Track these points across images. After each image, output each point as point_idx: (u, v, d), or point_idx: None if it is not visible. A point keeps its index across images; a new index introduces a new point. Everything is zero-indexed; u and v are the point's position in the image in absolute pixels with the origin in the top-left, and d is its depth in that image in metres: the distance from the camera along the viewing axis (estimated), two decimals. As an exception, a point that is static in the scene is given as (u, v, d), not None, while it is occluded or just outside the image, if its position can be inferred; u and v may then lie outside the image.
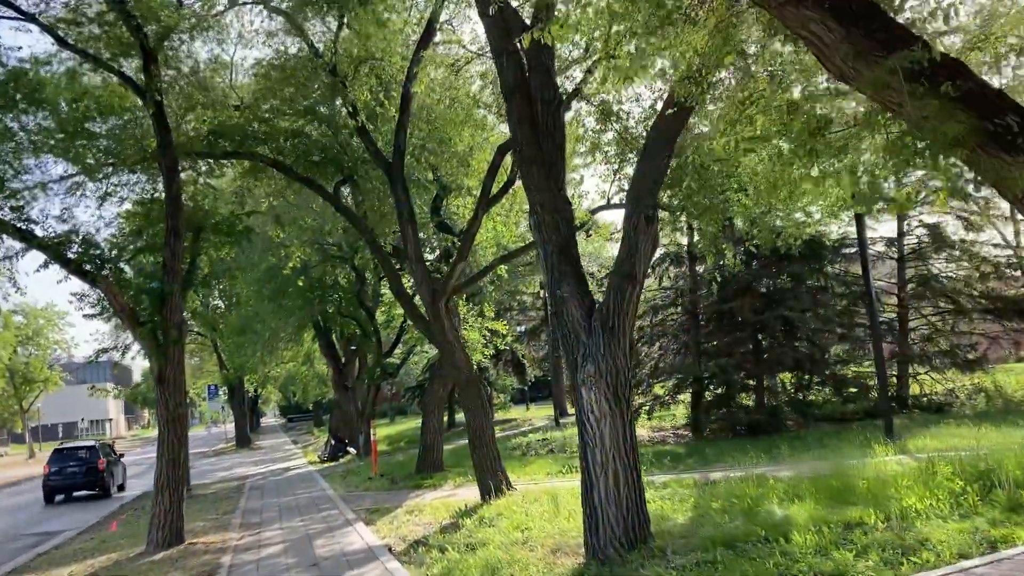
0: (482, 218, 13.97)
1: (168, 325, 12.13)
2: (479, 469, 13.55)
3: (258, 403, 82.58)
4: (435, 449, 19.15)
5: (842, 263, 23.25)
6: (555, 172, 8.86)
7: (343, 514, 14.52)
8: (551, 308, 8.70)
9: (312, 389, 56.47)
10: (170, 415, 12.23)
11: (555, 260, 8.64)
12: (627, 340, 8.30)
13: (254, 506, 17.40)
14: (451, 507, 13.63)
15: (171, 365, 12.20)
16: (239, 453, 44.44)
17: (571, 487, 13.67)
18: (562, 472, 16.94)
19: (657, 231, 8.41)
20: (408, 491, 17.05)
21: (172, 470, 12.21)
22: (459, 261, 13.71)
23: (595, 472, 8.20)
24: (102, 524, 17.61)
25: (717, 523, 8.89)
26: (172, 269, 12.29)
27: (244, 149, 14.22)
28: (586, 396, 8.26)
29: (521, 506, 12.02)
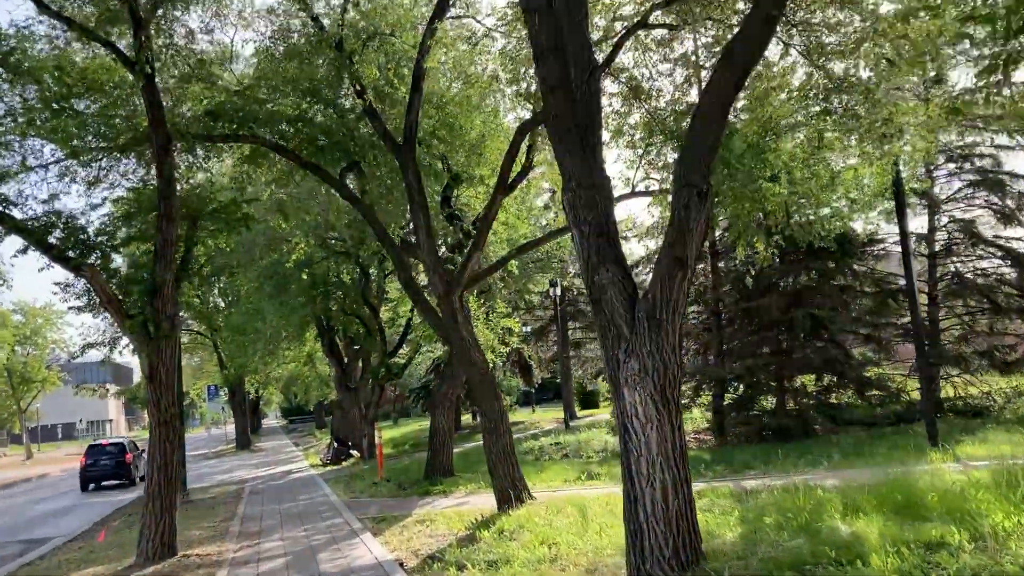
0: (500, 204, 12.97)
1: (159, 318, 11.14)
2: (496, 476, 12.54)
3: (259, 404, 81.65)
4: (444, 453, 18.13)
5: (870, 260, 22.23)
6: (591, 143, 7.85)
7: (348, 523, 13.51)
8: (589, 296, 7.69)
9: (314, 390, 55.49)
10: (162, 416, 11.23)
11: (592, 242, 7.62)
12: (676, 334, 7.29)
13: (253, 513, 16.40)
14: (465, 517, 12.62)
15: (163, 362, 11.20)
16: (239, 455, 43.45)
17: (594, 496, 12.68)
18: (580, 479, 15.92)
19: (711, 209, 7.40)
20: (417, 498, 16.04)
21: (164, 476, 11.21)
22: (475, 250, 12.70)
23: (640, 484, 7.19)
24: (92, 532, 16.61)
25: (774, 541, 7.88)
26: (164, 257, 11.30)
27: (244, 132, 13.25)
28: (629, 397, 7.25)
29: (544, 517, 11.00)
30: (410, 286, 13.76)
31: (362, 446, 28.56)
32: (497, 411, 12.72)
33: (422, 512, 13.88)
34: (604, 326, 7.53)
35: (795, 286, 20.33)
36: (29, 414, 69.49)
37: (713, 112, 7.37)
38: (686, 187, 7.31)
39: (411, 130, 12.79)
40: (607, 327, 7.49)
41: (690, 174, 7.34)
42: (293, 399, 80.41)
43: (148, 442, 11.41)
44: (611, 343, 7.46)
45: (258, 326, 25.87)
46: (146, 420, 68.80)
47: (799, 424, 18.99)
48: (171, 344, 11.35)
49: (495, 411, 12.70)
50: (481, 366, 12.85)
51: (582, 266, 7.77)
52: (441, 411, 18.26)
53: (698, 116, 7.49)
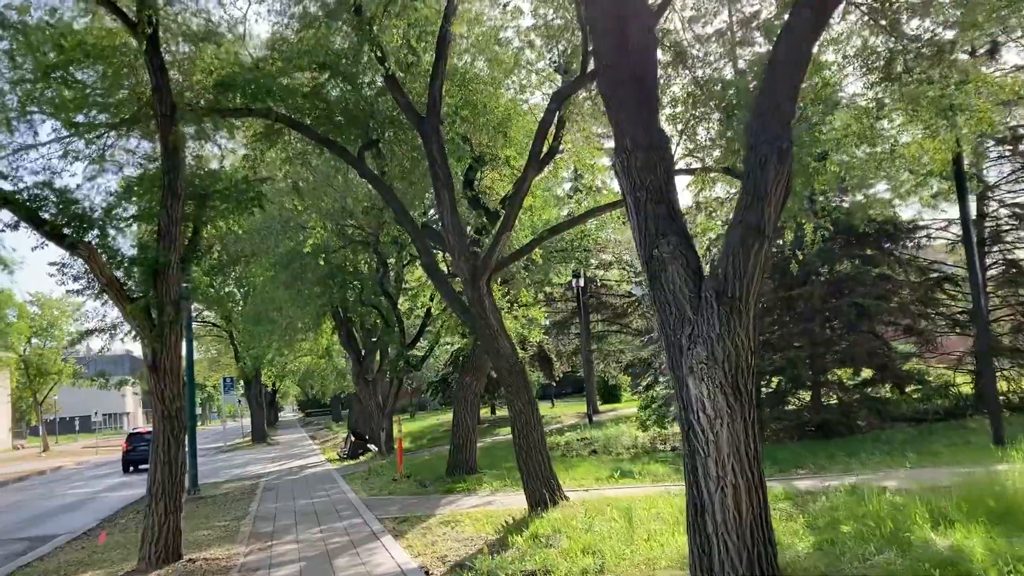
0: (531, 181, 11.97)
1: (163, 302, 10.24)
2: (527, 475, 11.57)
3: (276, 397, 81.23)
4: (467, 449, 17.19)
5: (912, 248, 21.06)
6: (647, 96, 6.84)
7: (368, 524, 12.59)
8: (647, 272, 6.69)
9: (331, 383, 54.69)
10: (166, 408, 10.34)
11: (650, 210, 6.63)
12: (751, 315, 6.29)
13: (267, 511, 15.52)
14: (494, 518, 11.67)
15: (167, 349, 10.31)
16: (255, 449, 42.76)
17: (633, 496, 11.72)
18: (613, 477, 14.94)
19: (791, 170, 6.37)
20: (439, 496, 15.11)
21: (168, 474, 10.32)
22: (504, 231, 11.72)
23: (708, 489, 6.20)
24: (98, 529, 15.80)
25: (859, 554, 6.87)
26: (168, 236, 10.39)
27: (257, 106, 12.32)
28: (695, 389, 6.25)
29: (582, 521, 10.02)
30: (433, 271, 12.81)
31: (380, 440, 27.71)
32: (528, 404, 11.76)
33: (446, 512, 12.95)
34: (664, 307, 6.53)
35: (836, 274, 19.19)
36: (47, 406, 69.27)
37: (792, 55, 6.35)
38: (764, 143, 6.30)
39: (435, 100, 11.83)
40: (668, 308, 6.50)
41: (766, 129, 6.34)
42: (310, 392, 79.89)
43: (151, 437, 10.52)
44: (672, 326, 6.47)
45: (273, 316, 25.02)
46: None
47: (842, 420, 17.89)
48: (176, 331, 10.45)
49: (526, 404, 11.74)
50: (510, 356, 11.88)
51: (638, 239, 6.77)
52: (464, 405, 17.31)
53: (775, 62, 6.46)
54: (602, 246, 31.17)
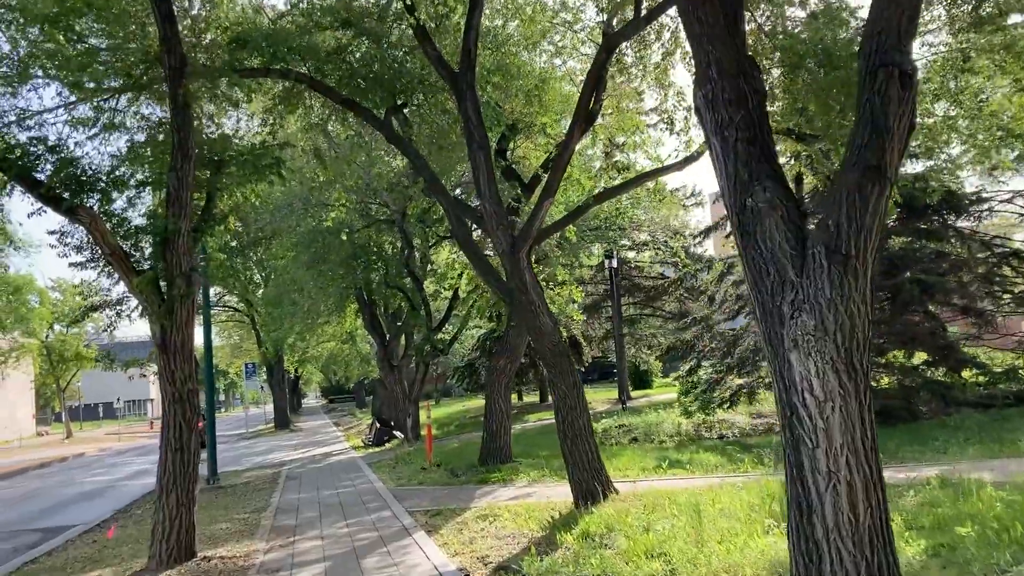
0: (578, 140, 10.86)
1: (173, 275, 9.26)
2: (572, 465, 10.52)
3: (298, 384, 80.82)
4: (501, 436, 16.17)
5: (975, 222, 19.72)
6: (736, 17, 5.73)
7: (398, 517, 11.60)
8: (736, 228, 5.60)
9: (354, 369, 54.02)
10: (177, 391, 9.38)
11: (741, 151, 5.53)
12: (868, 275, 5.18)
13: (289, 502, 14.61)
14: (536, 512, 10.64)
15: (177, 327, 9.34)
16: (278, 435, 42.06)
17: (688, 489, 10.63)
18: (661, 468, 13.85)
19: (915, 99, 5.24)
20: (473, 487, 14.12)
21: (180, 464, 9.37)
22: (546, 197, 10.62)
23: (817, 487, 5.11)
24: (112, 521, 14.99)
25: (991, 564, 5.75)
26: (178, 201, 9.41)
27: (276, 65, 11.29)
28: (800, 366, 5.15)
29: (639, 518, 8.96)
30: (467, 244, 11.75)
31: (406, 427, 26.79)
32: (573, 387, 10.70)
33: (482, 505, 11.95)
34: (759, 269, 5.43)
35: (890, 249, 17.92)
36: (70, 393, 69.24)
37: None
38: (881, 68, 5.16)
39: (469, 53, 10.73)
40: (764, 270, 5.40)
41: (885, 51, 5.19)
42: (333, 378, 79.35)
43: (161, 422, 9.57)
44: (770, 291, 5.37)
45: (295, 298, 24.11)
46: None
47: (904, 405, 16.67)
48: (187, 306, 9.47)
49: (570, 387, 10.68)
50: (553, 335, 10.81)
51: (726, 188, 5.66)
52: (497, 390, 16.28)
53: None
54: (636, 224, 29.97)
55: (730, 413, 19.55)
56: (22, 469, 32.35)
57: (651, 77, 12.28)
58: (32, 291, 53.78)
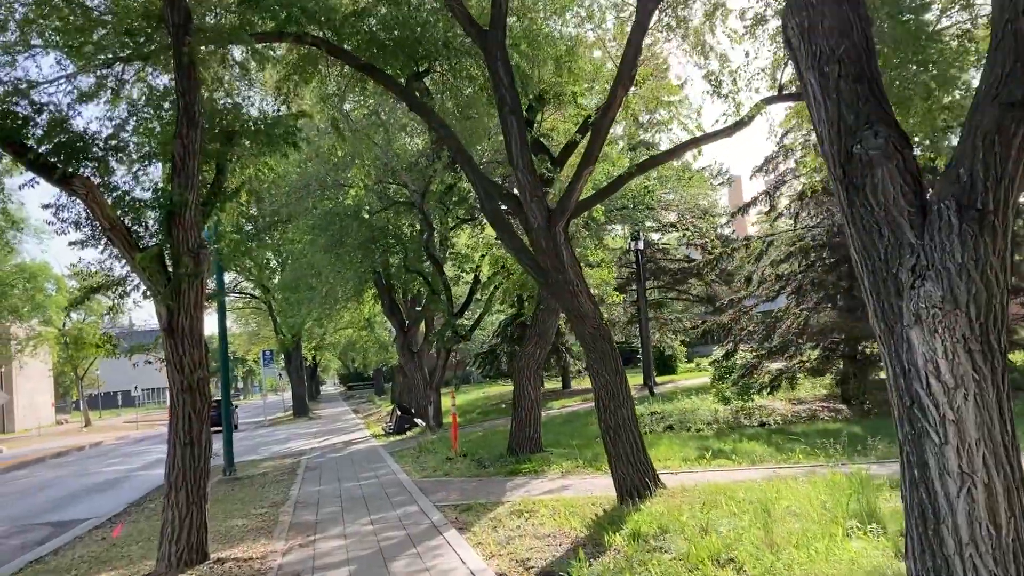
0: (621, 101, 9.92)
1: (179, 251, 8.45)
2: (615, 458, 9.66)
3: (317, 371, 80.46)
4: (531, 425, 15.33)
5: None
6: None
7: (425, 513, 10.80)
8: (838, 182, 4.69)
9: (373, 355, 53.40)
10: (186, 379, 8.58)
11: (845, 89, 4.62)
12: (1008, 235, 4.27)
13: (309, 494, 13.86)
14: (576, 508, 9.80)
15: (185, 309, 8.53)
16: (296, 423, 41.49)
17: (739, 483, 9.76)
18: (704, 458, 12.97)
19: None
20: (503, 479, 13.31)
21: (190, 459, 8.59)
22: (586, 165, 9.70)
23: (946, 491, 4.22)
24: (126, 514, 14.32)
25: None
26: (184, 172, 8.58)
27: (290, 29, 10.42)
28: (923, 346, 4.25)
29: (694, 516, 8.09)
30: (497, 218, 10.86)
31: (428, 414, 26.03)
32: (616, 374, 9.82)
33: (516, 499, 11.12)
34: (869, 227, 4.53)
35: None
36: (90, 381, 69.06)
37: None
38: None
39: (500, 10, 9.82)
40: (875, 229, 4.50)
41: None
42: (351, 365, 78.88)
43: (169, 414, 8.78)
44: (883, 256, 4.47)
45: (312, 283, 23.34)
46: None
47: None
48: (196, 287, 8.66)
49: (613, 374, 9.80)
50: (593, 317, 9.93)
51: (827, 134, 4.74)
52: (526, 376, 15.43)
53: None
54: (664, 205, 28.96)
55: (767, 399, 18.65)
56: (39, 458, 31.91)
57: (694, 39, 11.32)
58: (49, 278, 53.36)
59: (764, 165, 20.66)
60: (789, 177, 19.80)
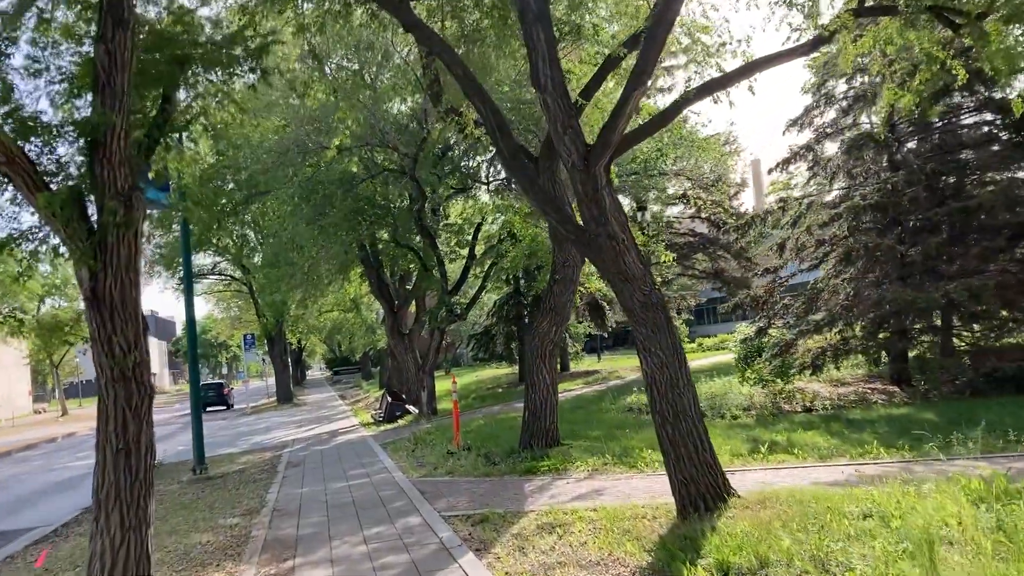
0: (679, 7, 7.78)
1: (104, 193, 6.30)
2: (675, 459, 7.61)
3: (302, 355, 78.28)
4: (547, 415, 13.24)
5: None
6: None
7: (431, 527, 8.74)
8: None
9: (360, 339, 51.22)
10: (117, 366, 6.43)
11: None
12: None
13: (289, 500, 11.79)
14: (622, 521, 7.77)
15: (113, 272, 6.38)
16: (280, 410, 39.31)
17: (829, 484, 7.76)
18: (760, 452, 10.96)
19: None
20: (518, 479, 11.26)
21: (125, 471, 6.45)
22: (636, 86, 7.56)
23: None
24: (76, 523, 12.24)
25: None
26: (110, 88, 6.41)
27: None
28: None
29: (799, 539, 6.05)
30: (515, 160, 8.73)
31: (421, 401, 23.97)
32: (672, 352, 7.76)
33: (541, 507, 9.08)
34: None
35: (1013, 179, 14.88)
36: (69, 369, 66.67)
37: None
38: None
39: None
40: None
41: None
42: (337, 349, 76.66)
43: (97, 410, 6.65)
44: None
45: (293, 258, 21.14)
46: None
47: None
48: (129, 241, 6.49)
49: (669, 352, 7.74)
50: (643, 280, 7.85)
51: None
52: (540, 357, 13.33)
53: None
54: (676, 172, 26.80)
55: (805, 381, 16.70)
56: (5, 452, 29.77)
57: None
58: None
59: (803, 116, 18.56)
60: (831, 130, 17.73)
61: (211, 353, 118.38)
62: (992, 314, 14.18)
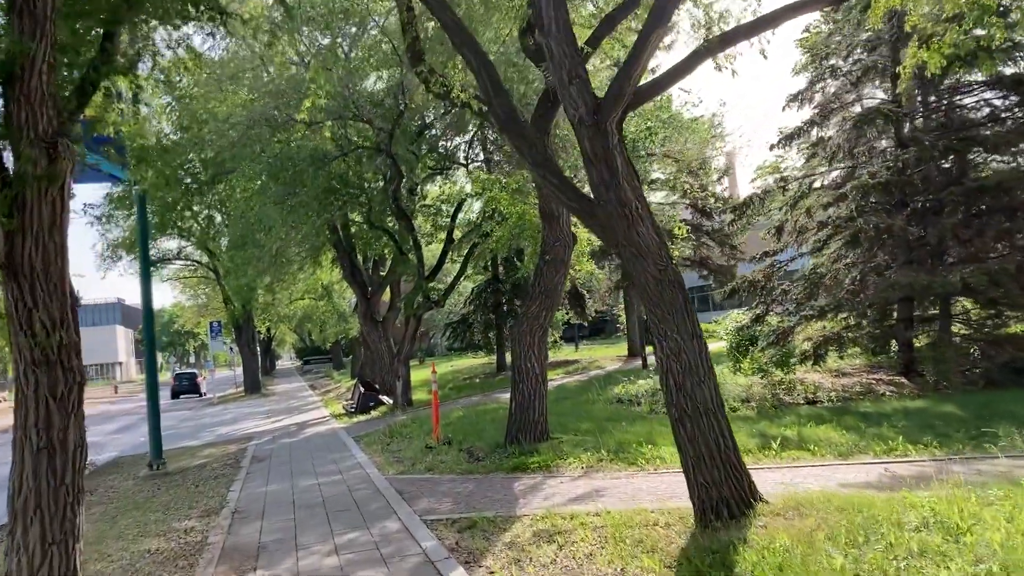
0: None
1: (20, 138, 5.19)
2: (694, 458, 6.64)
3: (272, 344, 76.70)
4: (536, 407, 12.22)
5: None
6: None
7: (411, 533, 7.71)
8: None
9: (331, 327, 49.89)
10: (38, 347, 5.36)
11: None
12: None
13: (252, 500, 10.70)
14: (631, 529, 6.81)
15: (33, 234, 5.28)
16: (248, 400, 38.00)
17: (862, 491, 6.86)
18: (768, 448, 10.05)
19: None
20: (506, 477, 10.27)
21: (48, 473, 5.39)
22: (658, 24, 6.55)
23: None
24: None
25: None
26: (33, 8, 5.30)
27: None
28: None
29: (853, 557, 5.11)
30: (509, 120, 7.71)
31: (396, 391, 22.88)
32: (691, 337, 6.79)
33: (536, 510, 8.07)
34: None
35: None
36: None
37: None
38: None
39: None
40: None
41: None
42: (308, 338, 75.11)
43: (15, 401, 5.56)
44: None
45: (260, 239, 19.91)
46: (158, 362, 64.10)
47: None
48: (52, 199, 5.39)
49: (688, 336, 6.77)
50: (659, 256, 6.87)
51: None
52: (529, 343, 12.30)
53: None
54: (665, 152, 25.79)
55: (804, 372, 15.85)
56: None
57: None
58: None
59: (805, 91, 17.63)
60: (836, 104, 16.79)
61: (179, 341, 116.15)
62: (1013, 300, 13.36)
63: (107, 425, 31.39)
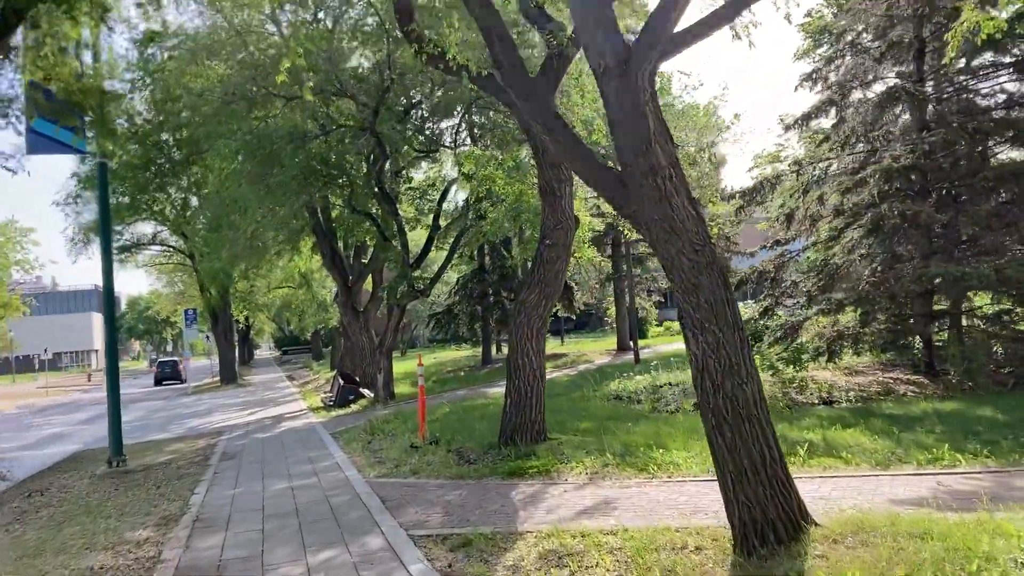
0: None
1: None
2: (734, 472, 5.61)
3: (250, 334, 75.26)
4: (533, 404, 11.13)
5: None
6: None
7: (396, 553, 6.64)
8: None
9: (310, 316, 48.63)
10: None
11: None
12: None
13: (218, 503, 9.61)
14: (655, 553, 5.78)
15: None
16: (224, 391, 36.74)
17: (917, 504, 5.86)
18: (796, 456, 8.99)
19: None
20: (502, 484, 9.21)
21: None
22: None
23: None
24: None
25: None
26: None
27: None
28: None
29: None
30: (517, 76, 6.65)
31: (377, 384, 21.79)
32: (732, 328, 5.75)
33: (539, 525, 7.03)
34: None
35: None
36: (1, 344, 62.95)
37: None
38: None
39: None
40: None
41: None
42: (286, 327, 73.71)
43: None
44: None
45: (235, 220, 18.73)
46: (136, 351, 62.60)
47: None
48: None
49: (727, 328, 5.74)
50: (697, 233, 5.82)
51: None
52: (526, 335, 11.22)
53: None
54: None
55: (815, 370, 14.92)
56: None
57: None
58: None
59: (821, 69, 16.60)
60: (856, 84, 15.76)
61: (156, 330, 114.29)
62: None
63: (77, 414, 30.17)
